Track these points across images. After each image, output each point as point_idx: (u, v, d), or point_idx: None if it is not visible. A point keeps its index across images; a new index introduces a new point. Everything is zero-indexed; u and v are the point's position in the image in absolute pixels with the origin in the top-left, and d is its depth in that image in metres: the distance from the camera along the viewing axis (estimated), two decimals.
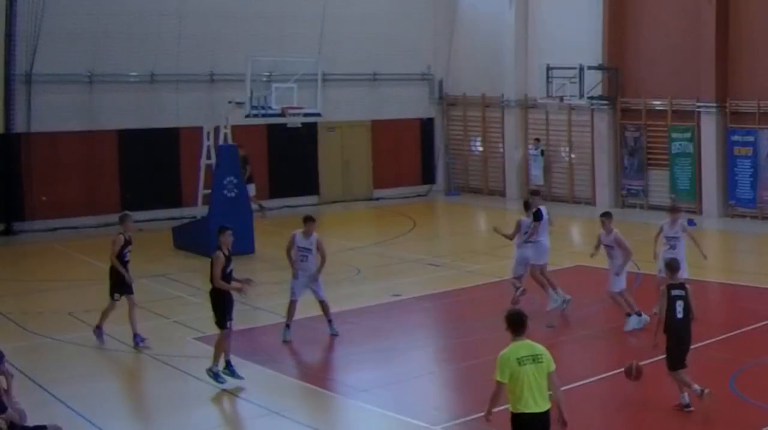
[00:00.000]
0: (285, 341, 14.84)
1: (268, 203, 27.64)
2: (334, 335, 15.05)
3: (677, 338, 11.23)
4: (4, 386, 10.33)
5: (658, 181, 27.68)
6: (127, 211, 15.88)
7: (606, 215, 15.72)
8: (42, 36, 25.24)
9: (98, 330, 15.06)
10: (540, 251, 16.62)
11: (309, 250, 14.90)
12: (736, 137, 25.94)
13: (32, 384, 12.75)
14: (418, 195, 33.01)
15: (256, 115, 23.24)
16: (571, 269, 20.52)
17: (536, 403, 8.59)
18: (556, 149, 30.74)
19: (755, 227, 24.94)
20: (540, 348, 8.75)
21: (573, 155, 30.27)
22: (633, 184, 28.28)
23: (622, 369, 12.11)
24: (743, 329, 15.05)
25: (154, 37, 27.08)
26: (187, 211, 26.47)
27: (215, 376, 12.67)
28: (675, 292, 11.22)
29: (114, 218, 26.74)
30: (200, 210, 23.68)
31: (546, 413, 8.67)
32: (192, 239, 22.58)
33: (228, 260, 12.88)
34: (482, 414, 9.01)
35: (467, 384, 13.29)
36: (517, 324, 8.84)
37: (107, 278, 15.09)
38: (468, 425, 11.23)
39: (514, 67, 31.11)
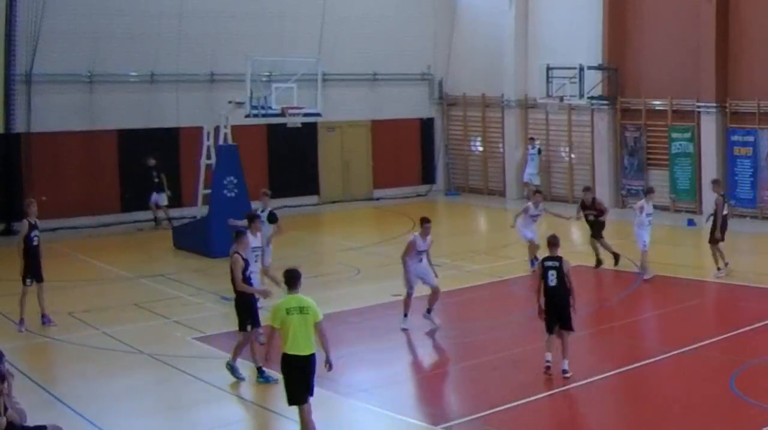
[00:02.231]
0: (403, 329, 15.42)
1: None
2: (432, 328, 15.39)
3: (550, 303, 12.92)
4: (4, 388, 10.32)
5: (658, 181, 27.62)
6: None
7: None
8: (42, 36, 25.22)
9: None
10: None
11: (425, 252, 15.55)
12: (736, 137, 25.95)
13: (32, 384, 12.74)
14: (418, 195, 33.01)
15: (256, 115, 23.24)
16: (571, 269, 20.48)
17: (299, 347, 10.09)
18: (556, 149, 30.74)
19: (755, 227, 24.94)
20: (308, 301, 10.21)
21: (573, 155, 30.27)
22: (633, 184, 28.27)
23: (617, 370, 12.10)
24: (743, 329, 15.04)
25: (154, 37, 27.08)
26: (187, 212, 26.48)
27: (232, 369, 12.92)
28: (549, 263, 12.99)
29: (114, 218, 27.10)
30: (200, 210, 23.68)
31: (308, 357, 10.14)
32: (192, 239, 22.59)
33: (246, 262, 13.10)
34: (476, 416, 9.00)
35: (467, 384, 13.29)
36: (291, 280, 10.30)
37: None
38: (468, 425, 11.23)
39: (514, 67, 31.11)
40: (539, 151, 30.47)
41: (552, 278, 12.89)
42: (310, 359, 10.21)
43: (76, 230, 25.69)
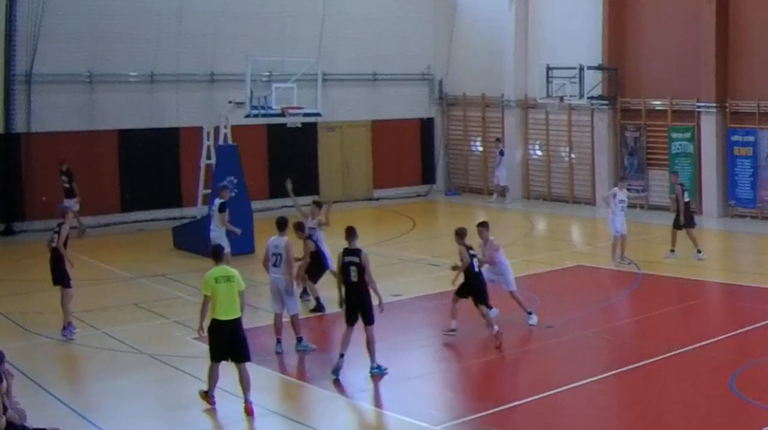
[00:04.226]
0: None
1: (268, 203, 27.62)
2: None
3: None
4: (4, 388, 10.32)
5: (658, 181, 27.67)
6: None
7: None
8: (42, 36, 25.23)
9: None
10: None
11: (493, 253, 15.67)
12: (736, 137, 25.94)
13: (32, 384, 12.74)
14: (418, 195, 33.01)
15: (256, 115, 23.24)
16: (571, 269, 20.53)
17: (225, 312, 11.50)
18: (556, 149, 30.74)
19: (755, 227, 24.94)
20: (233, 271, 11.69)
21: (573, 155, 30.27)
22: (633, 184, 28.24)
23: (617, 370, 12.10)
24: (743, 329, 15.04)
25: (154, 37, 27.08)
26: (187, 212, 26.48)
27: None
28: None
29: (114, 218, 27.10)
30: (200, 210, 23.68)
31: (232, 321, 11.55)
32: (192, 239, 22.57)
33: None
34: (476, 416, 8.99)
35: (467, 384, 13.29)
36: (216, 255, 11.90)
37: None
38: (468, 425, 11.23)
39: (514, 67, 31.11)
40: (501, 153, 30.94)
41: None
42: (235, 322, 11.59)
43: (76, 230, 25.63)
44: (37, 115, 25.75)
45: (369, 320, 13.07)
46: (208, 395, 12.00)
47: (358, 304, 13.08)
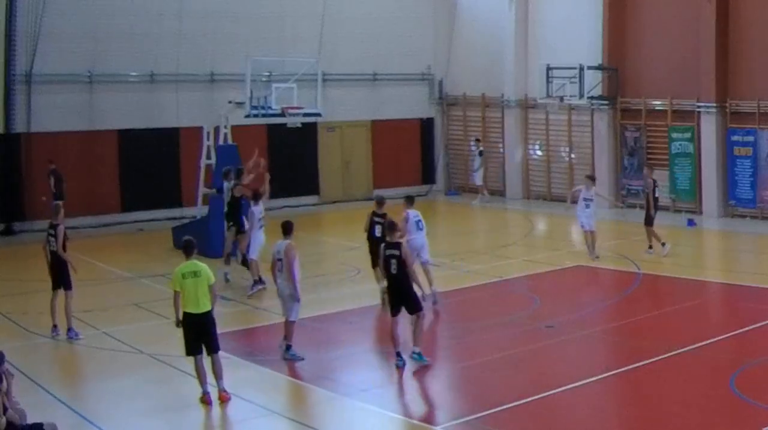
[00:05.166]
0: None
1: (268, 203, 27.56)
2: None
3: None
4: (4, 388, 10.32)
5: (658, 181, 27.60)
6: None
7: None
8: (42, 36, 25.25)
9: None
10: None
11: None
12: (736, 137, 25.94)
13: (32, 384, 12.74)
14: (418, 195, 32.89)
15: (256, 115, 23.26)
16: (571, 269, 20.54)
17: (194, 306, 11.89)
18: (556, 149, 30.74)
19: (755, 227, 24.94)
20: (201, 266, 11.99)
21: (573, 155, 30.27)
22: (633, 184, 28.27)
23: (617, 370, 12.10)
24: (743, 329, 15.03)
25: (154, 37, 27.10)
26: (187, 211, 26.48)
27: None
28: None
29: (114, 218, 27.09)
30: (200, 210, 23.67)
31: (202, 314, 11.92)
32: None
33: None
34: (476, 416, 9.03)
35: (467, 384, 13.28)
36: (186, 249, 12.19)
37: None
38: (468, 425, 11.22)
39: (514, 67, 31.11)
40: (480, 153, 31.15)
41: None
42: (205, 316, 11.96)
43: (76, 230, 25.60)
44: (37, 115, 25.75)
45: (413, 309, 13.38)
46: (205, 397, 12.01)
47: (401, 295, 13.37)
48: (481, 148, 31.57)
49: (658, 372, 13.04)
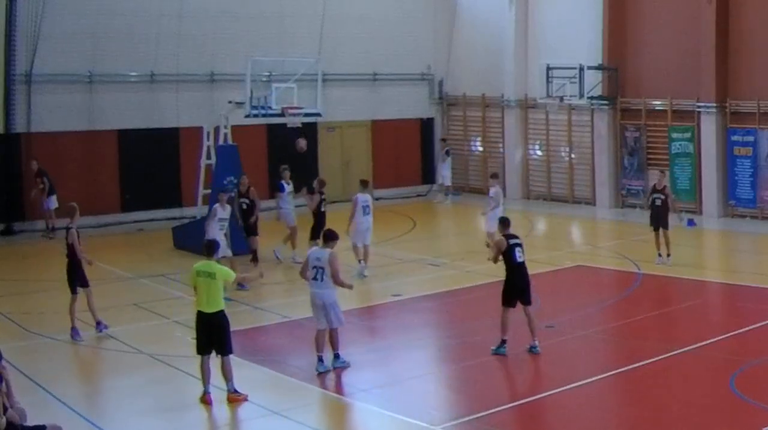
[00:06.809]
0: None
1: (268, 203, 27.59)
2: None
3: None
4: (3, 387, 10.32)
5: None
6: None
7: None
8: (42, 36, 25.23)
9: None
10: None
11: None
12: (736, 137, 25.94)
13: (32, 384, 12.74)
14: (418, 195, 33.00)
15: (256, 115, 23.24)
16: (571, 269, 20.54)
17: (205, 305, 12.02)
18: (556, 149, 30.74)
19: (755, 227, 24.94)
20: (216, 267, 12.14)
21: (573, 155, 30.27)
22: (633, 184, 28.28)
23: (617, 370, 12.10)
24: (743, 329, 15.04)
25: (154, 37, 27.08)
26: (187, 211, 26.48)
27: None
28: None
29: (114, 218, 27.07)
30: (200, 210, 23.67)
31: (213, 314, 12.00)
32: (192, 239, 22.52)
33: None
34: (476, 416, 9.05)
35: (467, 384, 13.29)
36: (206, 249, 12.42)
37: None
38: (468, 425, 11.23)
39: (514, 67, 31.11)
40: (447, 153, 31.41)
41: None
42: (216, 315, 12.04)
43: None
44: (37, 115, 25.74)
45: (528, 301, 13.91)
46: (206, 397, 12.02)
47: (523, 284, 13.87)
48: (448, 148, 31.82)
49: (658, 372, 13.05)
